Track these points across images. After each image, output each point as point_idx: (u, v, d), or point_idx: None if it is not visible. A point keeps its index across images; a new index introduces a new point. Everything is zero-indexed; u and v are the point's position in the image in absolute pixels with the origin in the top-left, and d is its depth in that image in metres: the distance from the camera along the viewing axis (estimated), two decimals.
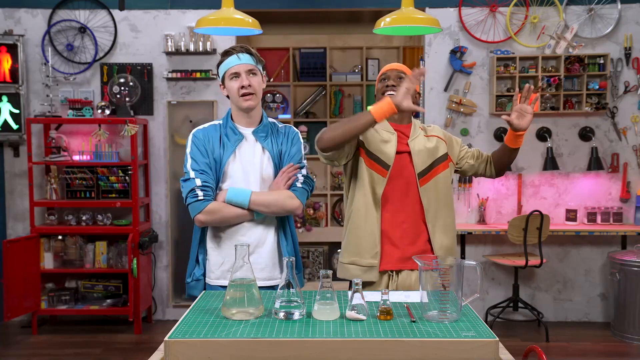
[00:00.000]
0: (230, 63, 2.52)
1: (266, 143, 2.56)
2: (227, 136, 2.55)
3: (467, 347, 1.81)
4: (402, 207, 2.64)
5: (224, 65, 2.54)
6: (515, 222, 4.93)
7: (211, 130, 2.57)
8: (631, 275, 4.89)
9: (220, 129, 2.57)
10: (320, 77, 6.48)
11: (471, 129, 5.40)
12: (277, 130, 2.62)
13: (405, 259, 2.61)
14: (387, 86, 2.65)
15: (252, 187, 2.52)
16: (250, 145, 2.56)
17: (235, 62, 2.51)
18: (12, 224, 5.50)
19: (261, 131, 2.57)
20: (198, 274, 2.58)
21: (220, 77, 2.58)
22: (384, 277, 2.64)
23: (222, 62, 2.55)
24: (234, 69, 2.51)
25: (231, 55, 2.52)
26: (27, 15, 5.38)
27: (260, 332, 1.88)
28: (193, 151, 2.53)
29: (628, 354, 4.74)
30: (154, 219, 5.53)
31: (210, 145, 2.53)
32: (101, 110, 5.13)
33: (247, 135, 2.57)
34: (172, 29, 5.39)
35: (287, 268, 2.05)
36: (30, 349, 4.82)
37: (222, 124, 2.59)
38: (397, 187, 2.63)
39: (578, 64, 5.22)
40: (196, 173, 2.49)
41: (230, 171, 2.52)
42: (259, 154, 2.56)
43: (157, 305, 5.54)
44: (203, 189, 2.47)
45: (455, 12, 5.34)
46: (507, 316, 5.40)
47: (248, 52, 2.54)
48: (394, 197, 2.63)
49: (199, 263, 2.59)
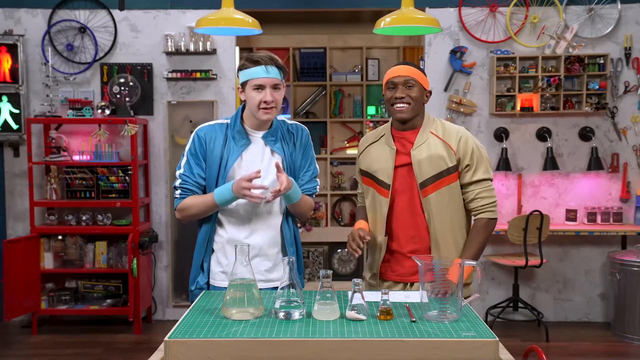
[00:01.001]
0: (256, 74, 2.43)
1: (277, 147, 2.53)
2: (234, 139, 2.51)
3: (467, 347, 1.81)
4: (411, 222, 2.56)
5: (248, 73, 2.45)
6: (515, 222, 4.93)
7: (216, 129, 2.54)
8: (631, 275, 4.89)
9: (227, 130, 2.53)
10: (320, 77, 6.48)
11: (471, 129, 5.39)
12: (287, 130, 2.59)
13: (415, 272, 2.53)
14: (396, 98, 2.52)
15: (255, 191, 2.48)
16: (258, 149, 2.53)
17: (262, 75, 2.43)
18: (12, 224, 5.50)
19: (271, 135, 2.53)
20: (202, 282, 2.56)
21: (242, 82, 2.48)
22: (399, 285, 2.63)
23: (247, 68, 2.45)
24: (259, 81, 2.43)
25: (259, 65, 2.42)
26: (27, 15, 5.38)
27: (260, 332, 1.88)
28: (190, 151, 2.54)
29: (628, 354, 4.74)
30: (154, 219, 5.53)
31: (212, 145, 2.51)
32: (101, 110, 5.13)
33: (256, 139, 2.53)
34: (172, 29, 5.39)
35: (288, 268, 2.06)
36: (30, 349, 4.82)
37: (230, 124, 2.54)
38: (403, 202, 2.56)
39: (578, 64, 5.22)
40: (182, 174, 2.53)
41: (236, 175, 2.49)
42: (268, 157, 2.53)
43: (157, 305, 5.54)
44: (182, 187, 2.52)
45: (455, 12, 5.34)
46: (507, 316, 5.40)
47: (277, 65, 2.46)
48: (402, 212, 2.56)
49: (204, 270, 2.57)
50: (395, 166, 2.55)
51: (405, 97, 2.51)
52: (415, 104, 2.53)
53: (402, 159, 2.55)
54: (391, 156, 2.55)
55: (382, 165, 2.55)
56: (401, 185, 2.54)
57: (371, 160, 2.62)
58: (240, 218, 2.53)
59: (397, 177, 2.55)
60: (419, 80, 2.53)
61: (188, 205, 2.51)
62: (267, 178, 2.51)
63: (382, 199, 2.56)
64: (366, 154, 2.66)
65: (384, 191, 2.55)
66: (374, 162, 2.60)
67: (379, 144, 2.63)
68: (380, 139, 2.63)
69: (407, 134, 2.57)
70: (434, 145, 2.53)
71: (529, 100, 5.26)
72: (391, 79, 2.55)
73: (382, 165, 2.55)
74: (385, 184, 2.54)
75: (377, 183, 2.58)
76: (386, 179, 2.54)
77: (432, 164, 2.50)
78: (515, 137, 5.39)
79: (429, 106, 5.38)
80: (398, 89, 2.52)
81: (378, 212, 2.59)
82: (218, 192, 2.46)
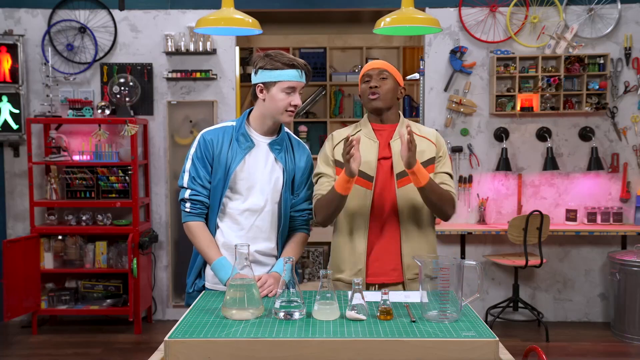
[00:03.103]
0: (291, 76, 2.41)
1: (280, 156, 2.51)
2: (238, 141, 2.49)
3: (467, 347, 1.81)
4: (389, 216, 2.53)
5: (280, 74, 2.41)
6: (515, 222, 4.93)
7: (220, 133, 2.51)
8: (631, 275, 4.89)
9: (232, 133, 2.51)
10: (320, 77, 6.49)
11: (471, 129, 5.40)
12: (290, 144, 2.58)
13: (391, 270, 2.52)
14: (371, 87, 2.54)
15: (255, 198, 2.48)
16: (261, 154, 2.51)
17: (297, 78, 2.41)
18: (12, 224, 5.50)
19: (278, 144, 2.52)
20: (200, 285, 2.55)
21: (265, 81, 2.43)
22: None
23: (278, 69, 2.41)
24: (292, 84, 2.41)
25: (296, 69, 2.41)
26: (27, 15, 5.38)
27: (260, 332, 1.88)
28: (196, 154, 2.50)
29: (628, 354, 4.74)
30: (154, 219, 5.53)
31: (218, 149, 2.48)
32: (101, 110, 5.13)
33: (261, 143, 2.51)
34: (172, 29, 5.39)
35: (287, 268, 2.06)
36: (30, 349, 4.82)
37: (235, 127, 2.52)
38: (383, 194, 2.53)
39: (578, 64, 5.22)
40: (190, 181, 2.49)
41: (237, 179, 2.47)
42: (271, 165, 2.51)
43: (157, 305, 5.54)
44: (191, 201, 2.48)
45: (455, 12, 5.34)
46: (507, 316, 5.40)
47: (308, 71, 2.47)
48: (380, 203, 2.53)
49: (202, 276, 2.56)
50: (378, 159, 2.54)
51: (379, 86, 2.53)
52: (389, 94, 2.53)
53: (384, 152, 2.55)
54: (374, 149, 2.54)
55: (365, 158, 2.52)
56: (383, 177, 2.54)
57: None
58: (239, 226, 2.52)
59: (379, 169, 2.54)
60: (392, 74, 2.56)
61: (194, 233, 2.48)
62: (268, 184, 2.50)
63: (366, 190, 2.52)
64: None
65: (367, 183, 2.53)
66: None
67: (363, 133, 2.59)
68: (358, 133, 2.59)
69: (386, 127, 2.58)
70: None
71: (529, 100, 5.26)
72: (366, 72, 2.58)
73: (364, 157, 2.51)
74: (369, 176, 2.52)
75: (359, 175, 2.52)
76: (369, 171, 2.52)
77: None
78: (515, 137, 5.39)
79: (429, 106, 5.41)
80: (372, 79, 2.55)
81: (358, 206, 2.54)
82: (219, 264, 2.42)
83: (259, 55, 2.49)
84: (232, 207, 2.50)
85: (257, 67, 2.47)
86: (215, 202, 2.50)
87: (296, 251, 2.57)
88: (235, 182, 2.48)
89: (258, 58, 2.49)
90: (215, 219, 2.52)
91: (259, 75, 2.46)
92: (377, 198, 2.53)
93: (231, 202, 2.51)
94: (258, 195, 2.49)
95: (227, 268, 2.40)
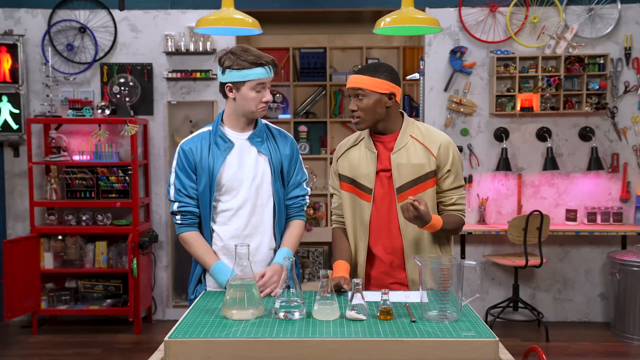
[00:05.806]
0: (260, 74, 2.42)
1: (263, 147, 2.52)
2: (217, 144, 2.49)
3: (467, 347, 1.81)
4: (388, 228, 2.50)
5: (250, 73, 2.41)
6: (515, 222, 4.93)
7: (199, 140, 2.51)
8: (631, 275, 4.89)
9: (210, 137, 2.51)
10: (320, 77, 6.48)
11: (471, 129, 5.40)
12: (271, 133, 2.59)
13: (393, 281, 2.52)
14: (351, 110, 2.46)
15: (245, 194, 2.49)
16: (242, 151, 2.51)
17: (265, 75, 2.43)
18: (12, 224, 5.50)
19: (257, 136, 2.53)
20: (201, 291, 2.54)
21: (234, 81, 2.44)
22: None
23: (246, 68, 2.41)
24: (262, 81, 2.43)
25: (263, 67, 2.42)
26: (27, 15, 5.38)
27: (260, 332, 1.88)
28: (178, 166, 2.51)
29: (628, 354, 4.74)
30: (154, 219, 5.53)
31: (199, 156, 2.49)
32: (101, 110, 5.13)
33: (239, 141, 2.52)
34: (172, 29, 5.39)
35: (287, 268, 2.06)
36: (30, 349, 4.82)
37: (212, 131, 2.53)
38: (384, 207, 2.49)
39: (578, 64, 5.22)
40: (176, 194, 2.50)
41: (223, 180, 2.48)
42: (254, 157, 2.51)
43: (157, 305, 5.54)
44: (181, 213, 2.50)
45: (455, 12, 5.34)
46: (507, 316, 5.40)
47: (274, 64, 2.47)
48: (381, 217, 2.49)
49: (202, 282, 2.56)
50: (377, 171, 2.49)
51: (357, 109, 2.45)
52: (367, 114, 2.43)
53: (383, 164, 2.49)
54: (372, 160, 2.49)
55: (364, 169, 2.49)
56: (382, 190, 2.49)
57: (351, 164, 2.54)
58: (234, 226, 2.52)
59: (377, 181, 2.49)
60: (368, 89, 2.43)
61: (189, 243, 2.52)
62: (255, 178, 2.50)
63: (364, 203, 2.50)
64: (344, 159, 2.58)
65: (366, 195, 2.49)
66: (355, 167, 2.53)
67: (358, 148, 2.56)
68: (360, 143, 2.56)
69: (386, 138, 2.50)
70: (413, 149, 2.46)
71: (529, 100, 5.26)
72: (348, 89, 2.52)
73: (363, 169, 2.49)
74: (367, 189, 2.49)
75: (359, 188, 2.51)
76: (368, 184, 2.48)
77: (411, 169, 2.44)
78: (515, 137, 5.39)
79: (429, 106, 5.41)
80: (352, 101, 2.48)
81: (359, 217, 2.52)
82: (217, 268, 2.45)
83: (224, 54, 2.47)
84: (223, 209, 2.51)
85: (224, 66, 2.45)
86: (206, 209, 2.50)
87: (294, 241, 2.59)
88: (221, 184, 2.49)
89: (224, 57, 2.46)
90: (209, 224, 2.52)
91: (226, 75, 2.45)
92: (376, 211, 2.50)
93: (222, 204, 2.51)
94: (247, 192, 2.49)
95: (225, 271, 2.42)
